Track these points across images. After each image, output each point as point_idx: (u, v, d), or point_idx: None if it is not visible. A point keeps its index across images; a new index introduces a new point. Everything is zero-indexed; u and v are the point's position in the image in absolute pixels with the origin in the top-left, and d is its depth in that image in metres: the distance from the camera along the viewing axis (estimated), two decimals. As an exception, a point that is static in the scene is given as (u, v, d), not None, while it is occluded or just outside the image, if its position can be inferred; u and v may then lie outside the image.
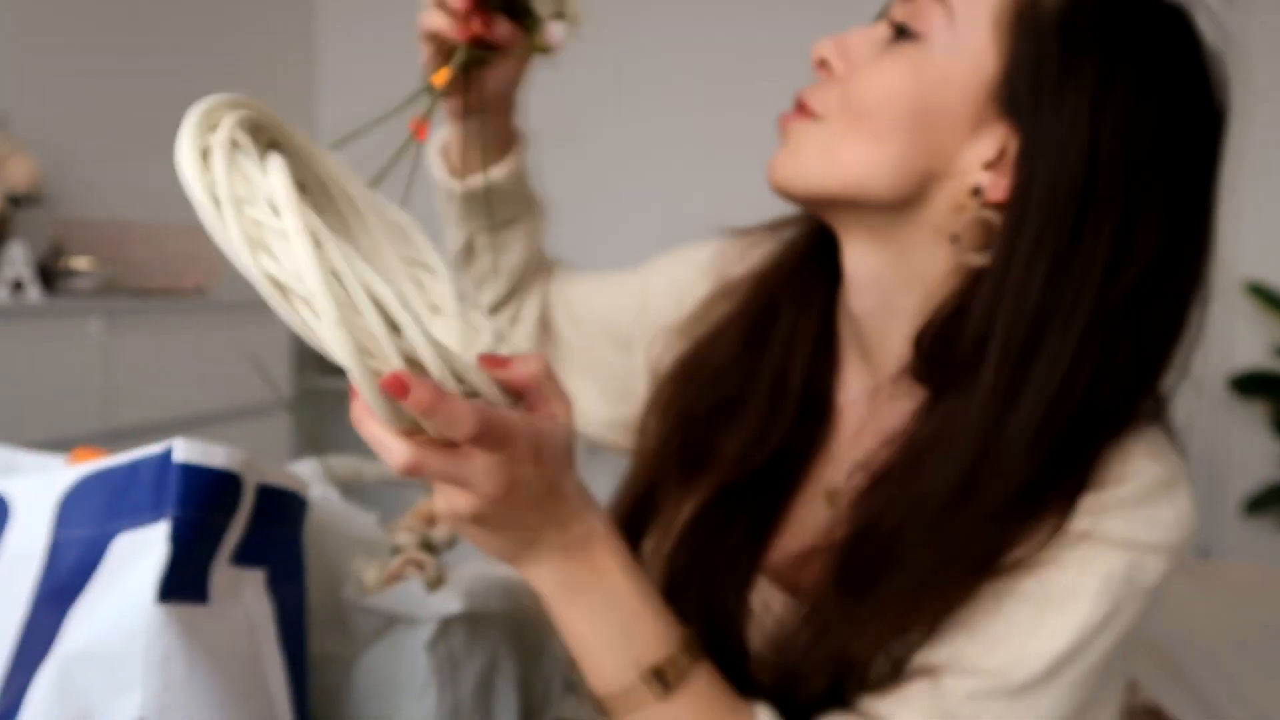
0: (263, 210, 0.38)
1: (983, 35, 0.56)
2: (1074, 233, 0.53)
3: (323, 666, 0.65)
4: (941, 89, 0.57)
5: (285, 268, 0.37)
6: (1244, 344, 2.58)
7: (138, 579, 0.49)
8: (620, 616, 0.53)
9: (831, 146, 0.60)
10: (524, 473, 0.47)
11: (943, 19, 0.57)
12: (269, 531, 0.57)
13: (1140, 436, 0.58)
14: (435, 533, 0.69)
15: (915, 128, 0.57)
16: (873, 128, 0.58)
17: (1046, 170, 0.54)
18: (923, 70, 0.57)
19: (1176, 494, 0.57)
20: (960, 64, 0.57)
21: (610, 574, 0.53)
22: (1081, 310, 0.53)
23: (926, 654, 0.57)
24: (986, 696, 0.55)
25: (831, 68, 0.61)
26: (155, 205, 2.59)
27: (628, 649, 0.53)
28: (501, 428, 0.45)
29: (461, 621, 0.63)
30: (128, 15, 2.55)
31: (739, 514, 0.67)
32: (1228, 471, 2.63)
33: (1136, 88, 0.54)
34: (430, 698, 0.61)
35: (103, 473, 0.53)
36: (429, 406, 0.41)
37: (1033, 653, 0.54)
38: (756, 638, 0.65)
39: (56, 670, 0.48)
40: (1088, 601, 0.54)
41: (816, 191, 0.61)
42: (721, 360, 0.69)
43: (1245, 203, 2.57)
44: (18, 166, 2.02)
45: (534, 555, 0.52)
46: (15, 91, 2.23)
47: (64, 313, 1.98)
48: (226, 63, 2.88)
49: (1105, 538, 0.55)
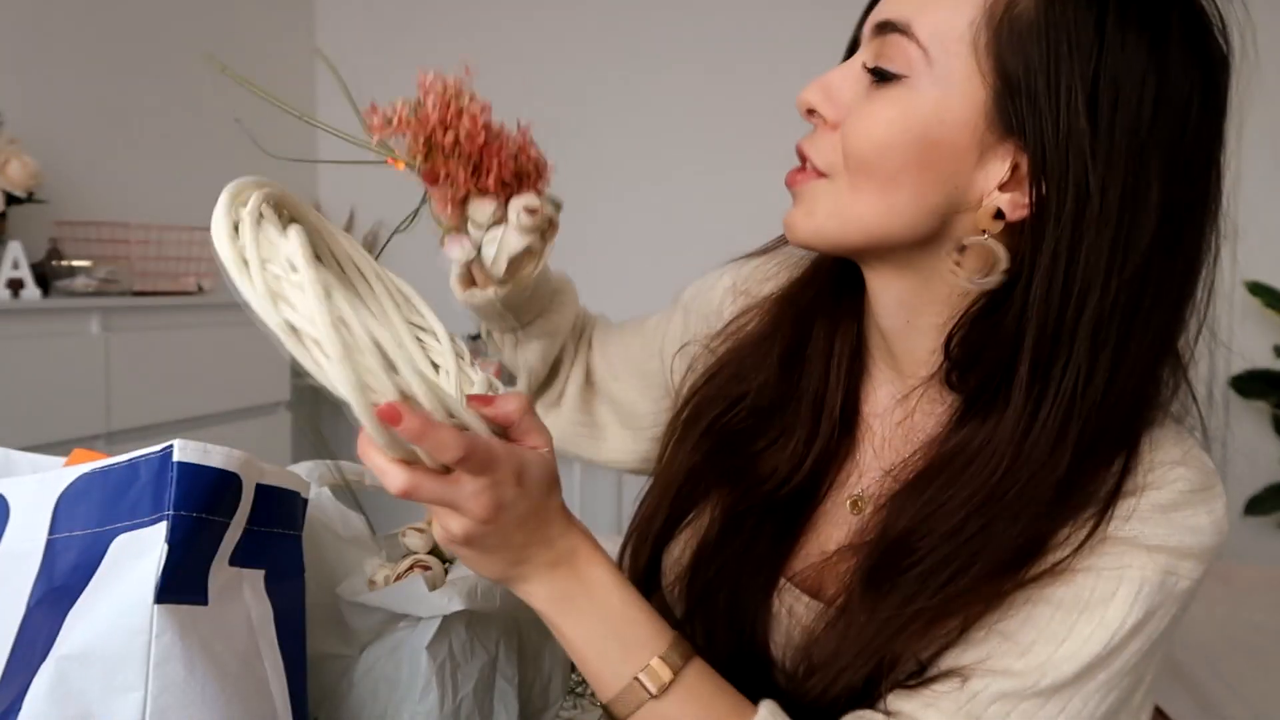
0: (283, 268, 0.45)
1: (964, 63, 0.55)
2: (1096, 228, 0.53)
3: (323, 666, 0.65)
4: (937, 128, 0.56)
5: (300, 315, 0.44)
6: (1244, 344, 2.58)
7: (136, 579, 0.49)
8: (610, 624, 0.56)
9: (843, 203, 0.59)
10: (508, 495, 0.51)
11: (919, 56, 0.56)
12: (268, 531, 0.57)
13: (1176, 441, 0.58)
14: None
15: (921, 169, 0.57)
16: (879, 179, 0.57)
17: (1059, 176, 0.53)
18: (913, 113, 0.56)
19: (1211, 499, 0.57)
20: (949, 98, 0.56)
21: (597, 585, 0.56)
22: (1099, 303, 0.54)
23: (956, 656, 0.57)
24: (1015, 698, 0.55)
25: (821, 115, 0.61)
26: (155, 205, 2.59)
27: (620, 653, 0.56)
28: (485, 453, 0.50)
29: (462, 622, 0.63)
30: (127, 15, 2.55)
31: (766, 523, 0.67)
32: (1228, 471, 2.62)
33: (1127, 73, 0.53)
34: (431, 698, 0.61)
35: (101, 472, 0.53)
36: (419, 432, 0.46)
37: (1063, 656, 0.55)
38: (780, 643, 0.65)
39: (55, 671, 0.48)
40: (1121, 607, 0.55)
41: (839, 246, 0.61)
42: (758, 377, 0.70)
43: (1245, 203, 2.57)
44: (17, 167, 2.01)
45: (524, 574, 0.55)
46: (15, 91, 2.23)
47: (63, 313, 1.98)
48: (227, 63, 2.87)
49: (1140, 544, 0.55)
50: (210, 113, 2.82)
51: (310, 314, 0.44)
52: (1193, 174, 0.56)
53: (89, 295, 2.04)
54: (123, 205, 2.49)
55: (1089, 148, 0.53)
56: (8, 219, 2.06)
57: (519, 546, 0.54)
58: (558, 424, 0.88)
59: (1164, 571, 0.55)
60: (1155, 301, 0.55)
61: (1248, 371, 2.54)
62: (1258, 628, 1.56)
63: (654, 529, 0.71)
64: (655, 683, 0.55)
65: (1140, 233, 0.54)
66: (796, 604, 0.65)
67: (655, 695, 0.55)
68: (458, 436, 0.48)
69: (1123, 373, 0.55)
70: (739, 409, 0.69)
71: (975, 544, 0.55)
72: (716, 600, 0.66)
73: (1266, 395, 2.52)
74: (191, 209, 2.72)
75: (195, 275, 2.39)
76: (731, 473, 0.69)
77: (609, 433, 0.87)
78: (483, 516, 0.51)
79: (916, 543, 0.57)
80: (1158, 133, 0.53)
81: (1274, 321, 2.51)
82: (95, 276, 2.08)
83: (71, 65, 2.40)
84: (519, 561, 0.55)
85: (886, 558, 0.58)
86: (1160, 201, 0.54)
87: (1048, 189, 0.54)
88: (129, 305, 2.11)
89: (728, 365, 0.72)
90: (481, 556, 0.54)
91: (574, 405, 0.88)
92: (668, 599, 0.69)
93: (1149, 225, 0.54)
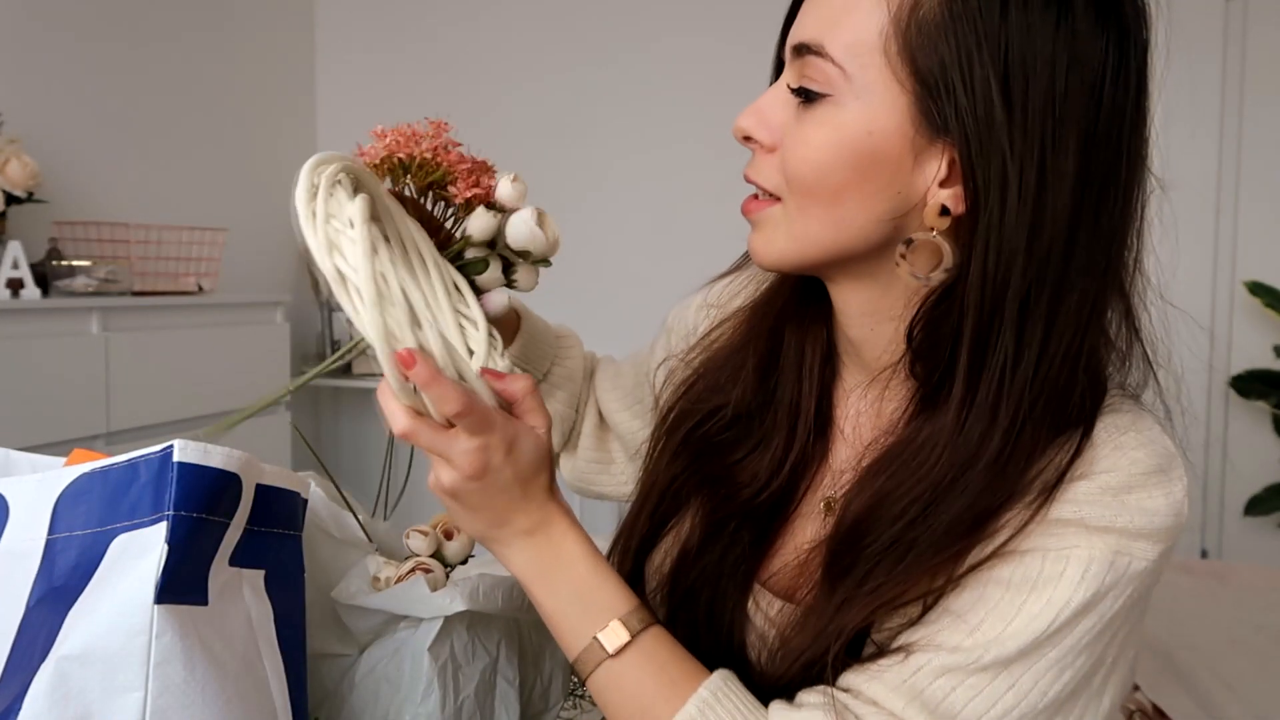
0: (343, 224, 0.52)
1: (880, 74, 0.56)
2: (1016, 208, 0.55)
3: (323, 667, 0.65)
4: (868, 140, 0.57)
5: (348, 264, 0.51)
6: (1244, 344, 2.58)
7: (137, 579, 0.49)
8: (577, 589, 0.60)
9: (796, 224, 0.61)
10: (496, 459, 0.56)
11: (837, 74, 0.57)
12: (268, 532, 0.57)
13: (1133, 424, 0.59)
14: (450, 546, 0.69)
15: (862, 182, 0.58)
16: (823, 198, 0.59)
17: (984, 165, 0.55)
18: (844, 130, 0.57)
19: (1169, 481, 0.58)
20: (873, 110, 0.57)
21: (567, 553, 0.60)
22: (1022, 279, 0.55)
23: (907, 635, 0.58)
24: (960, 672, 0.56)
25: (757, 141, 0.62)
26: (155, 205, 2.59)
27: (583, 615, 0.60)
28: (483, 415, 0.55)
29: (463, 623, 0.64)
30: (127, 15, 2.55)
31: (744, 529, 0.68)
32: (1228, 471, 2.63)
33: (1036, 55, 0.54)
34: (433, 699, 0.61)
35: (101, 472, 0.53)
36: (427, 379, 0.52)
37: (1009, 634, 0.55)
38: (756, 646, 0.66)
39: (55, 671, 0.48)
40: (1068, 586, 0.55)
41: (801, 265, 0.63)
42: (734, 388, 0.71)
43: (1245, 203, 2.57)
44: (17, 167, 2.01)
45: (501, 536, 0.60)
46: (14, 91, 2.23)
47: (63, 313, 1.98)
48: (226, 63, 2.88)
49: (1085, 524, 0.56)
50: (210, 113, 2.82)
51: (355, 264, 0.50)
52: (1112, 144, 0.57)
53: (89, 295, 2.04)
54: (123, 205, 2.49)
55: (1007, 133, 0.54)
56: (8, 219, 2.06)
57: (500, 509, 0.59)
58: (577, 465, 0.92)
59: (1113, 552, 0.56)
60: (1080, 274, 0.56)
61: (1248, 371, 2.54)
62: (1258, 628, 1.56)
63: (636, 536, 0.73)
64: (612, 643, 0.59)
65: (1059, 207, 0.55)
66: (770, 608, 0.66)
67: (612, 655, 0.59)
68: (460, 391, 0.53)
69: (1051, 350, 0.56)
70: (717, 419, 0.71)
71: (919, 527, 0.57)
72: (697, 606, 0.68)
73: (1266, 395, 2.52)
74: (192, 209, 2.72)
75: (195, 275, 2.39)
76: (711, 481, 0.71)
77: (617, 466, 0.91)
78: (469, 473, 0.56)
79: (869, 528, 0.59)
80: (1072, 108, 0.54)
81: (1274, 321, 2.51)
82: (95, 276, 2.08)
83: (71, 65, 2.40)
84: (498, 524, 0.59)
85: (843, 544, 0.60)
86: (1077, 173, 0.55)
87: (978, 179, 0.55)
88: (129, 305, 2.11)
89: (704, 377, 0.74)
90: (465, 512, 0.59)
91: (589, 444, 0.92)
92: (650, 605, 0.70)
93: (1066, 199, 0.55)
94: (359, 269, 0.50)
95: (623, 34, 2.94)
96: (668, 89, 2.89)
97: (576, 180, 2.92)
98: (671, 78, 2.88)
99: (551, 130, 2.99)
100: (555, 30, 2.99)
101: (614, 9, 2.95)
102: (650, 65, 2.90)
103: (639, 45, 2.92)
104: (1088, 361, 0.59)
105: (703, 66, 2.83)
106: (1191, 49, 2.53)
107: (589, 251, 2.68)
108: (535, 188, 0.86)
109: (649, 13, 2.91)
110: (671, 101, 2.88)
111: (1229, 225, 2.58)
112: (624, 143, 2.92)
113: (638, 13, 2.92)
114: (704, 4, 2.85)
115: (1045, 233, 0.55)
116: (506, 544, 0.60)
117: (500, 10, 3.04)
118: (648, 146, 2.90)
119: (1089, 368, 0.60)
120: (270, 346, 2.52)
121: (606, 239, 2.84)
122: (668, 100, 2.89)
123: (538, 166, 3.00)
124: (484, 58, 3.06)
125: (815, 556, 0.64)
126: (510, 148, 3.00)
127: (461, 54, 3.08)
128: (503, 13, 3.04)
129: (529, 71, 3.01)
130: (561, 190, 2.93)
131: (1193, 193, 2.57)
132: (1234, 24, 2.51)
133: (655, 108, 2.90)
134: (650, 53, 2.90)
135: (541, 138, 2.98)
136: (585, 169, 2.94)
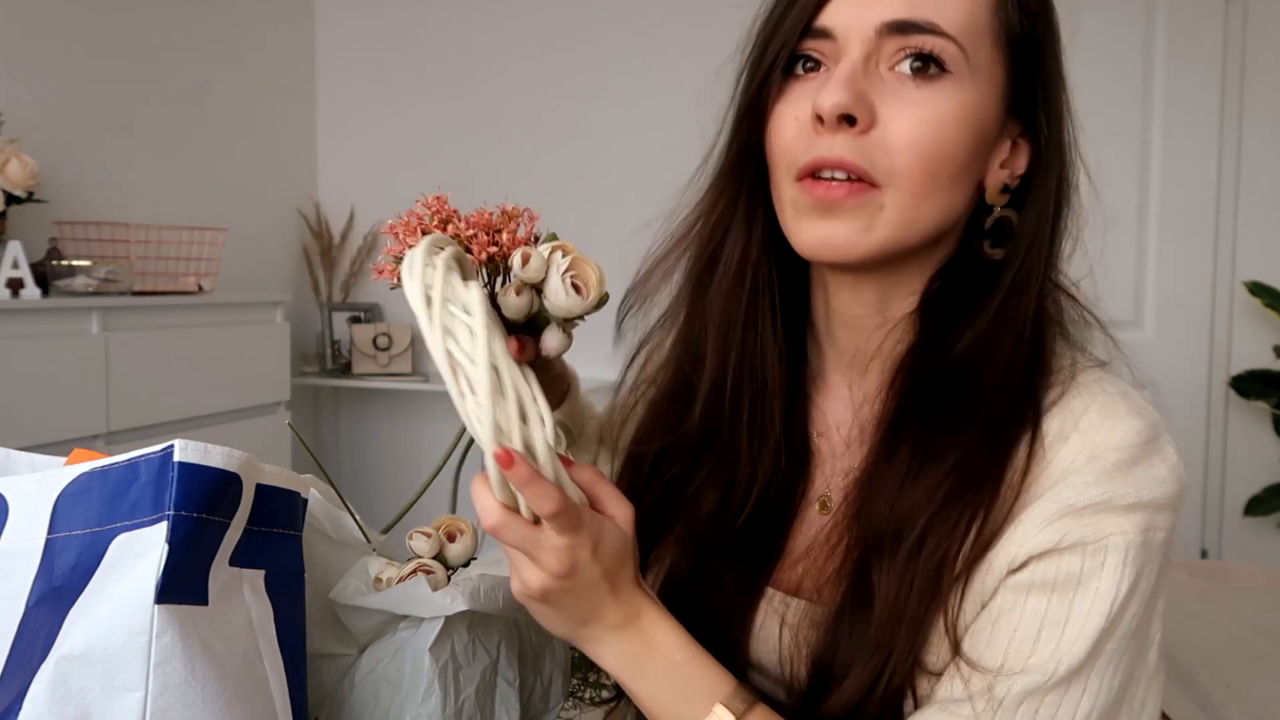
0: (459, 310, 0.51)
1: (990, 54, 0.59)
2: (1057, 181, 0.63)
3: (323, 667, 0.65)
4: (984, 120, 0.59)
5: (461, 350, 0.50)
6: (1244, 344, 2.58)
7: (137, 579, 0.49)
8: (674, 678, 0.58)
9: (909, 210, 0.59)
10: (584, 557, 0.54)
11: (958, 53, 0.58)
12: (268, 532, 0.57)
13: (1122, 395, 0.59)
14: (452, 549, 0.69)
15: (974, 161, 0.60)
16: (944, 178, 0.58)
17: (1050, 141, 0.62)
18: (968, 109, 0.58)
19: (1163, 446, 0.58)
20: (985, 89, 0.59)
21: (659, 644, 0.58)
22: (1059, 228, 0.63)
23: (974, 661, 0.57)
24: (1039, 693, 0.55)
25: (859, 118, 0.57)
26: (155, 205, 2.59)
27: (685, 705, 0.58)
28: (574, 514, 0.53)
29: (464, 623, 0.63)
30: (127, 15, 2.55)
31: (734, 546, 0.68)
32: (1228, 471, 2.63)
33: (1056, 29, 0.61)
34: (434, 700, 0.61)
35: (101, 472, 0.53)
36: (525, 479, 0.50)
37: (1070, 638, 0.55)
38: (774, 651, 0.66)
39: (55, 671, 0.48)
40: (1112, 575, 0.55)
41: (890, 254, 0.61)
42: (684, 423, 0.70)
43: (1245, 203, 2.57)
44: (17, 166, 2.01)
45: (591, 634, 0.58)
46: (14, 91, 2.23)
47: (63, 313, 1.98)
48: (227, 63, 2.88)
49: (1114, 506, 0.55)
50: (210, 113, 2.82)
51: (472, 353, 0.50)
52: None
53: (89, 295, 2.04)
54: (123, 205, 2.49)
55: (1065, 102, 0.61)
56: (8, 219, 2.06)
57: (588, 606, 0.57)
58: None
59: (1144, 530, 0.55)
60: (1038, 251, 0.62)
61: (1248, 371, 2.54)
62: (1258, 628, 1.56)
63: None
64: None
65: (1070, 161, 0.63)
66: (787, 609, 0.66)
67: None
68: (556, 492, 0.52)
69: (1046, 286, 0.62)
70: (675, 458, 0.71)
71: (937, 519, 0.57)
72: (695, 627, 0.66)
73: (1266, 395, 2.52)
74: (191, 209, 2.72)
75: (195, 275, 2.39)
76: (680, 518, 0.70)
77: None
78: (558, 572, 0.54)
79: (890, 539, 0.59)
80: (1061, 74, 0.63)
81: (1274, 321, 2.51)
82: (95, 276, 2.08)
83: (71, 65, 2.40)
84: (586, 621, 0.57)
85: (872, 545, 0.60)
86: None
87: (1047, 151, 0.61)
88: (129, 305, 2.11)
89: (652, 416, 0.74)
90: (553, 612, 0.57)
91: None
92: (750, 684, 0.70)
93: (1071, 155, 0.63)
94: (477, 360, 0.49)
95: (625, 29, 2.93)
96: (670, 83, 2.88)
97: (578, 181, 2.92)
98: (674, 71, 2.88)
99: (552, 129, 2.99)
100: (556, 29, 2.99)
101: (616, 6, 2.94)
102: (654, 59, 2.90)
103: (643, 40, 2.91)
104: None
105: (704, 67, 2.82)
106: (1192, 50, 2.53)
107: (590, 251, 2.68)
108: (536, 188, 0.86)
109: (653, 10, 2.90)
110: (674, 100, 2.88)
111: (1229, 225, 2.58)
112: (628, 142, 2.91)
113: (641, 9, 2.91)
114: (711, 4, 2.85)
115: (1068, 186, 0.62)
116: (597, 640, 0.58)
117: (501, 10, 3.04)
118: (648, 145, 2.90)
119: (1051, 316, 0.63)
120: (270, 346, 2.52)
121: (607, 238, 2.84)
122: (670, 94, 2.88)
123: (539, 166, 3.01)
124: (485, 58, 3.06)
125: (823, 554, 0.63)
126: (512, 148, 3.01)
127: (462, 54, 3.08)
128: (503, 13, 3.04)
129: (530, 71, 3.01)
130: (562, 190, 2.93)
131: (1193, 193, 2.57)
132: (1234, 24, 2.51)
133: (656, 107, 2.89)
134: (654, 51, 2.90)
135: (542, 137, 2.98)
136: (587, 169, 2.94)
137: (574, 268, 0.61)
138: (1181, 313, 2.59)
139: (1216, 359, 2.61)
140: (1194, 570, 1.87)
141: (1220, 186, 2.57)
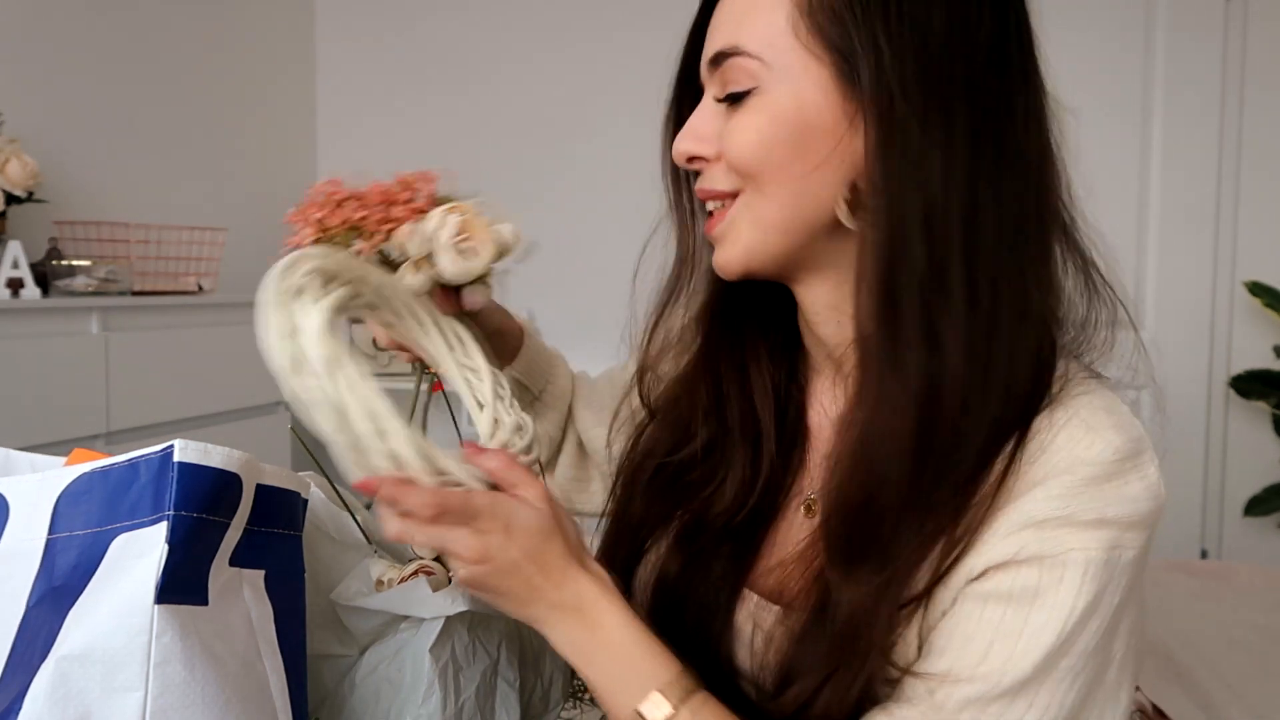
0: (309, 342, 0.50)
1: (796, 55, 0.59)
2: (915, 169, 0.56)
3: (323, 667, 0.65)
4: (799, 112, 0.59)
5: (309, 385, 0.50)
6: (1244, 344, 2.58)
7: (137, 579, 0.49)
8: (618, 662, 0.59)
9: (756, 209, 0.62)
10: (494, 541, 0.56)
11: (758, 67, 0.59)
12: (268, 532, 0.57)
13: (1106, 407, 0.58)
14: None
15: (804, 151, 0.59)
16: (773, 174, 0.60)
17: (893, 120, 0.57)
18: (773, 109, 0.59)
19: (1143, 464, 0.56)
20: (797, 85, 0.59)
21: (604, 627, 0.59)
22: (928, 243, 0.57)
23: (923, 667, 0.57)
24: (981, 702, 0.55)
25: (702, 156, 0.64)
26: (155, 205, 2.59)
27: (625, 688, 0.59)
28: (460, 506, 0.55)
29: (464, 624, 0.63)
30: (127, 16, 2.54)
31: (724, 545, 0.68)
32: (1228, 471, 2.63)
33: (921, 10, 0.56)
34: (434, 701, 0.61)
35: (101, 472, 0.53)
36: (391, 498, 0.53)
37: (1021, 651, 0.54)
38: (747, 652, 0.66)
39: (55, 671, 0.48)
40: (1069, 591, 0.54)
41: (766, 256, 0.63)
42: (690, 423, 0.72)
43: (1245, 203, 2.57)
44: (17, 166, 2.01)
45: (537, 616, 0.59)
46: (14, 91, 2.23)
47: (63, 312, 1.97)
48: (227, 63, 2.88)
49: (1074, 520, 0.55)
50: (210, 113, 2.82)
51: (313, 386, 0.49)
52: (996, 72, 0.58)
53: (89, 295, 2.04)
54: (123, 205, 2.49)
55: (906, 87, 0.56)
56: (8, 219, 2.06)
57: (520, 588, 0.58)
58: (556, 484, 0.93)
59: (1109, 547, 0.54)
60: (1014, 200, 0.57)
61: (1248, 371, 2.54)
62: (1258, 628, 1.56)
63: (619, 558, 0.73)
64: (655, 716, 0.57)
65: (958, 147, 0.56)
66: (761, 612, 0.66)
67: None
68: (429, 495, 0.53)
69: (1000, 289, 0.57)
70: (677, 456, 0.72)
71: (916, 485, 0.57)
72: (683, 620, 0.67)
73: (1266, 395, 2.52)
74: (191, 209, 2.72)
75: (195, 275, 2.39)
76: (680, 514, 0.71)
77: (594, 485, 0.92)
78: (473, 559, 0.56)
79: (862, 513, 0.58)
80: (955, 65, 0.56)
81: (1274, 321, 2.51)
82: (95, 276, 2.07)
83: (71, 65, 2.40)
84: (526, 603, 0.58)
85: (838, 537, 0.60)
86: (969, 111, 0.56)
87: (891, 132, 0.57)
88: (129, 305, 2.11)
89: (659, 414, 0.75)
90: (494, 598, 0.59)
91: (568, 464, 0.93)
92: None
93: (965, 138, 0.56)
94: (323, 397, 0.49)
95: (625, 28, 2.93)
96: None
97: (578, 181, 2.92)
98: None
99: (552, 129, 2.98)
100: (556, 29, 2.99)
101: (616, 6, 2.94)
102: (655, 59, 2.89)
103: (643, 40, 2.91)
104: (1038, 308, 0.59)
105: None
106: (1192, 48, 2.53)
107: (587, 251, 2.68)
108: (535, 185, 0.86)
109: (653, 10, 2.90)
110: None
111: (1229, 225, 2.58)
112: (628, 142, 2.91)
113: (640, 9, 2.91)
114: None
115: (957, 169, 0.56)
116: (543, 621, 0.59)
117: (501, 10, 3.04)
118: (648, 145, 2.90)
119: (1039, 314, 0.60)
120: (270, 346, 2.51)
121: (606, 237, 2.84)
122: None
123: (539, 166, 3.01)
124: (485, 58, 3.06)
125: (804, 560, 0.63)
126: (512, 148, 3.00)
127: (462, 54, 3.08)
128: (503, 12, 3.03)
129: (530, 69, 3.01)
130: (559, 187, 2.93)
131: (1193, 192, 2.57)
132: (1234, 23, 2.51)
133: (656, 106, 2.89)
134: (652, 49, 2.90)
135: (542, 135, 2.98)
136: (585, 164, 2.94)
137: (464, 229, 0.62)
138: (1181, 312, 2.59)
139: (1217, 359, 2.61)
140: (1194, 570, 1.86)
141: (1220, 186, 2.57)
